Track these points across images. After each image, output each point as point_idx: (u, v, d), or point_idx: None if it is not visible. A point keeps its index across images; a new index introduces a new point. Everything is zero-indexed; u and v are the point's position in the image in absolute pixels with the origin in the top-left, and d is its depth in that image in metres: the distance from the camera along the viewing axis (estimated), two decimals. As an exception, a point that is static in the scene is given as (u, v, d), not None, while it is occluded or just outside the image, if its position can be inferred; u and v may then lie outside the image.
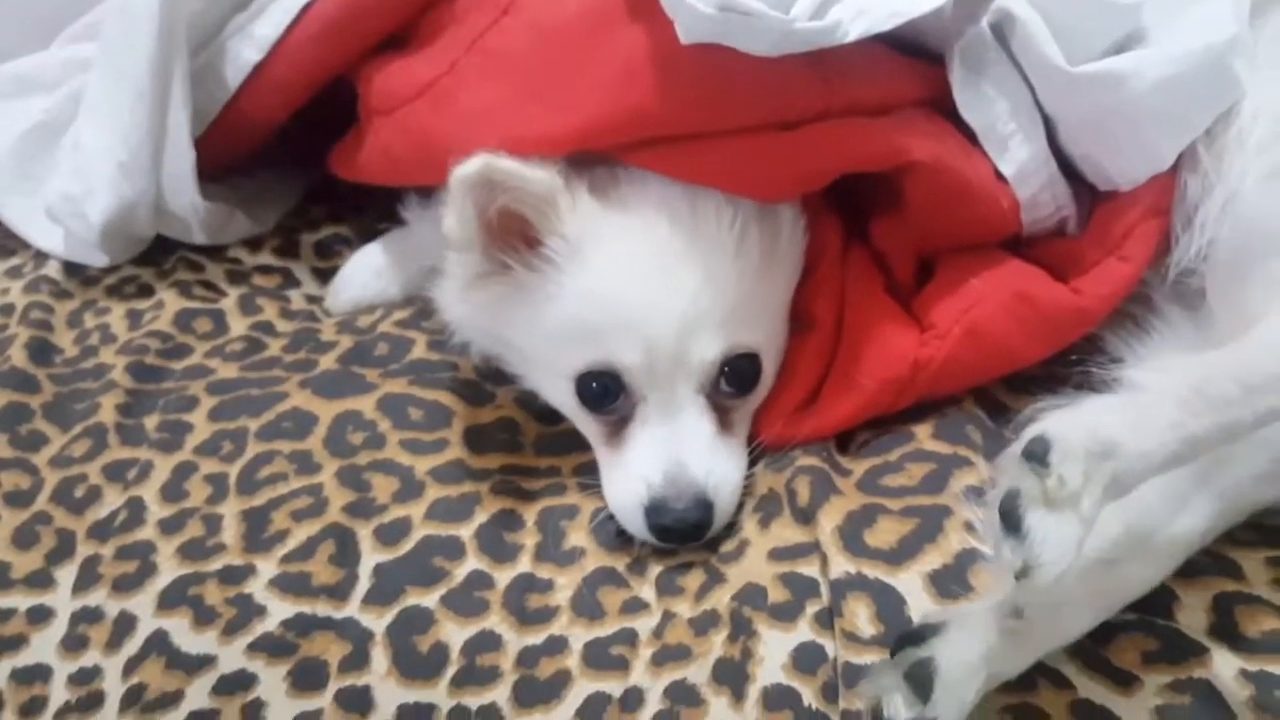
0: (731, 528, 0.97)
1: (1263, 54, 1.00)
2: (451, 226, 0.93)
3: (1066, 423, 0.69)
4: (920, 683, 0.72)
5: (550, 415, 1.08)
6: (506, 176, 0.90)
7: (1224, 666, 0.76)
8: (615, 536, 0.97)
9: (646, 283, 0.95)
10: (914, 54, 1.02)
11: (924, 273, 1.08)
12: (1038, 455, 0.67)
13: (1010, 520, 0.66)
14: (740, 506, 0.98)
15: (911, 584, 0.84)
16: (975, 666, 0.72)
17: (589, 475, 1.02)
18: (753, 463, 1.01)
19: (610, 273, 0.95)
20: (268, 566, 0.95)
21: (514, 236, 0.96)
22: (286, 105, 1.29)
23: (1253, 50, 1.00)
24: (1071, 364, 0.91)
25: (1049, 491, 0.66)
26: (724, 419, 1.00)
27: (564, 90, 0.97)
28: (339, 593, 0.93)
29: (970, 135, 1.00)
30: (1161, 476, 0.82)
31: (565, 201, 0.94)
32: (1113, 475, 0.68)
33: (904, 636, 0.76)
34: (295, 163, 1.46)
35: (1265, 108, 0.96)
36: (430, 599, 0.92)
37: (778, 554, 0.91)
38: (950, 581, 0.83)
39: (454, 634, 0.90)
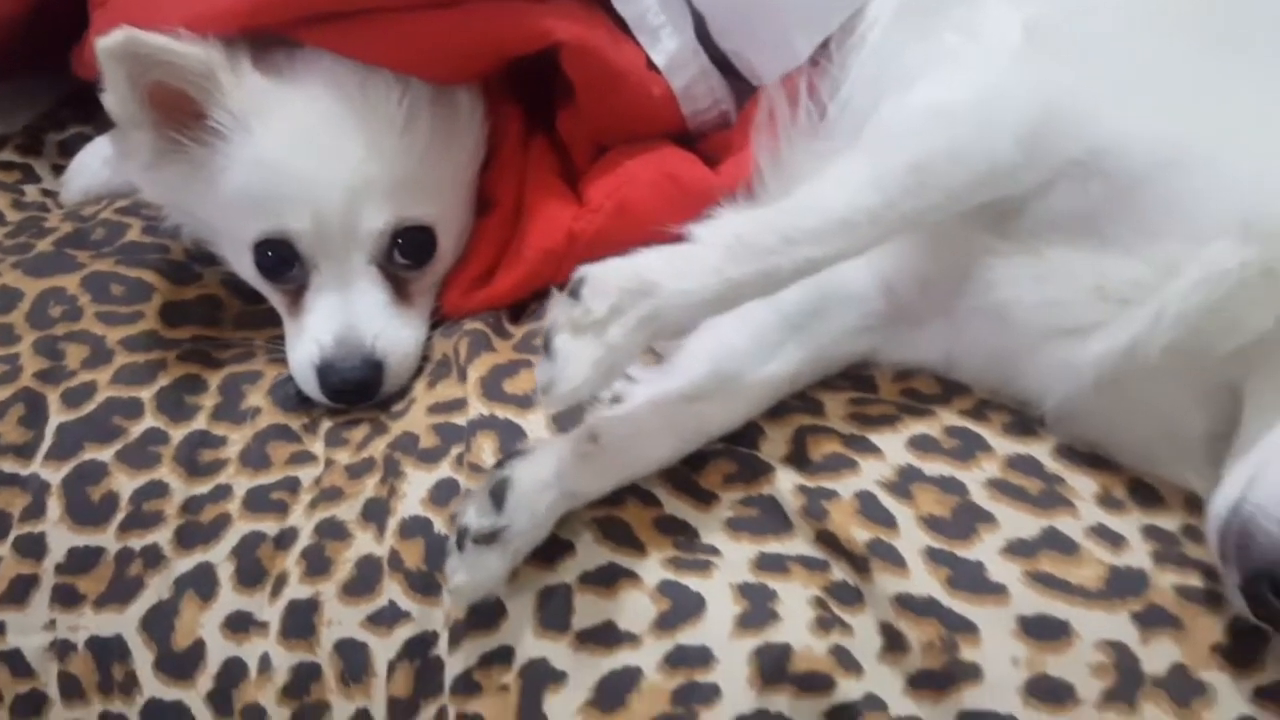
0: (406, 390, 1.05)
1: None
2: (110, 102, 0.98)
3: (611, 265, 0.78)
4: (497, 496, 0.80)
5: (254, 294, 1.13)
6: (154, 51, 0.94)
7: (785, 482, 0.86)
8: (293, 398, 1.04)
9: (311, 152, 1.01)
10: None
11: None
12: (575, 290, 0.76)
13: (546, 344, 0.75)
14: (419, 371, 1.06)
15: (537, 423, 0.92)
16: (547, 483, 0.81)
17: (279, 345, 1.08)
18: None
19: (276, 143, 1.00)
20: (-40, 430, 1.00)
21: (184, 114, 1.00)
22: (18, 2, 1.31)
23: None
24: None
25: (575, 320, 0.74)
26: (402, 290, 1.07)
27: None
28: (25, 451, 1.00)
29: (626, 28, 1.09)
30: (754, 325, 0.92)
31: (227, 77, 0.98)
32: (652, 310, 0.77)
33: (498, 462, 0.84)
34: (49, 68, 1.47)
35: (881, 14, 1.05)
36: (106, 453, 0.99)
37: (437, 408, 0.98)
38: (569, 419, 0.91)
39: (124, 484, 0.97)
